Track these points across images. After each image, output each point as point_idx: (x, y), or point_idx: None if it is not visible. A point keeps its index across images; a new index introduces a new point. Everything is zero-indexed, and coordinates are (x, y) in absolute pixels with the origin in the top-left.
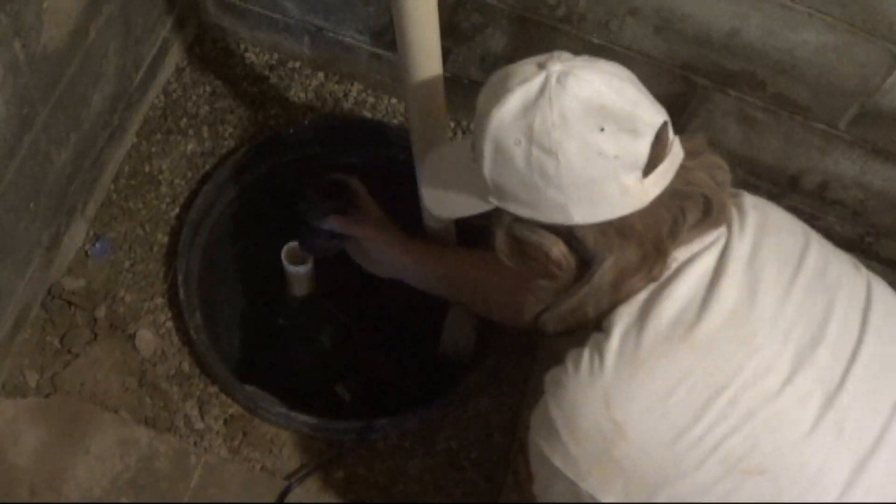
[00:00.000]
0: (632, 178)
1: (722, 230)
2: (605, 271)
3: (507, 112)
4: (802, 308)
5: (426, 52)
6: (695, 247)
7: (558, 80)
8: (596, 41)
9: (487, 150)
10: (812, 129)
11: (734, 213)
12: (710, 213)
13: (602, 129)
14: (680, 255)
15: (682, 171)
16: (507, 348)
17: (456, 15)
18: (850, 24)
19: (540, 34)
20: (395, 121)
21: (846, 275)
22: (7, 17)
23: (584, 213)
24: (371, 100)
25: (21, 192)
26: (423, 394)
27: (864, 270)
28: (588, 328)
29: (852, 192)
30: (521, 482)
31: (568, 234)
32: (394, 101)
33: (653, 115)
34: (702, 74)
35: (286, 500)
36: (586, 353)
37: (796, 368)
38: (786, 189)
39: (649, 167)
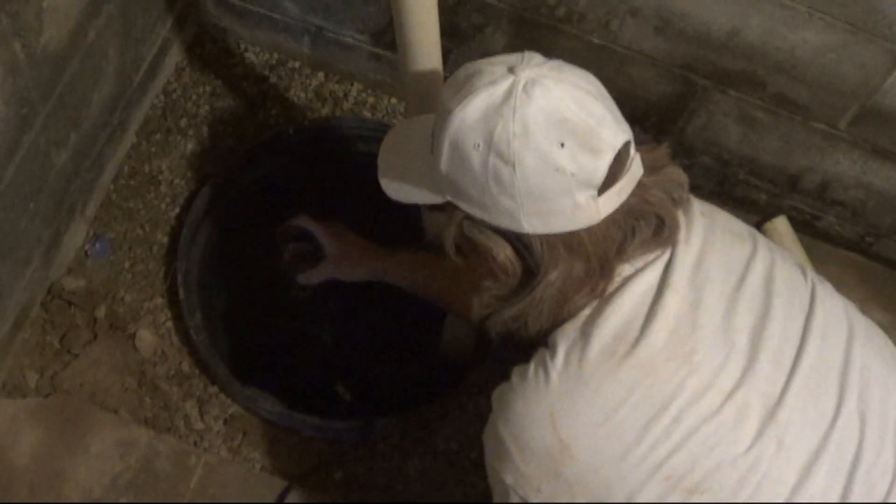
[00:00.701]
0: (585, 196)
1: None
2: (548, 283)
3: (469, 113)
4: (746, 319)
5: (426, 52)
6: (639, 262)
7: (525, 88)
8: (596, 41)
9: (446, 147)
10: (812, 129)
11: (681, 220)
12: (660, 234)
13: (562, 145)
14: (624, 270)
15: (640, 188)
16: (507, 348)
17: (456, 15)
18: (850, 24)
19: (540, 34)
20: (395, 121)
21: (792, 281)
22: (7, 17)
23: (535, 223)
24: (371, 100)
25: (21, 192)
26: (423, 394)
27: (810, 275)
28: (531, 341)
29: (852, 192)
30: None
31: (516, 240)
32: (394, 101)
33: (616, 135)
34: (702, 74)
35: (286, 501)
36: (531, 368)
37: (738, 383)
38: (786, 189)
39: (605, 186)
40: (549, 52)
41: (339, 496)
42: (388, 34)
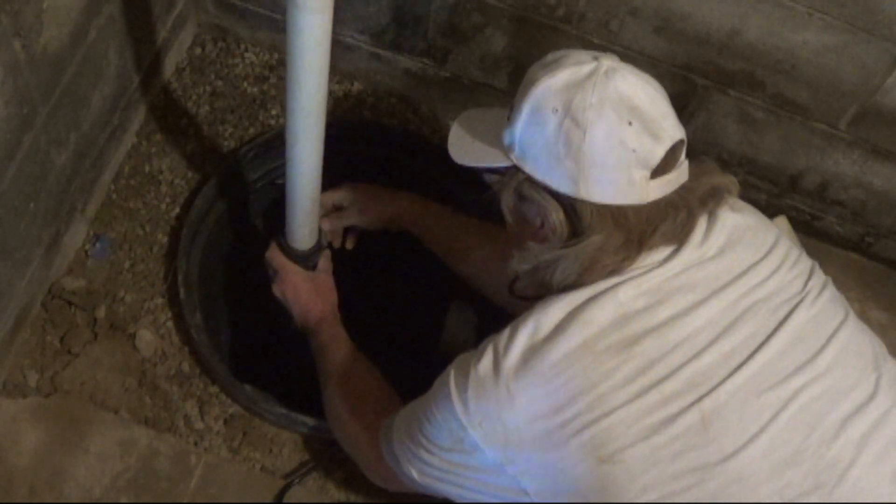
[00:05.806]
0: (640, 175)
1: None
2: (589, 243)
3: (554, 83)
4: (729, 328)
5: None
6: (655, 254)
7: (606, 72)
8: (596, 41)
9: (526, 109)
10: (812, 129)
11: (702, 224)
12: (683, 229)
13: (630, 124)
14: (639, 262)
15: (682, 189)
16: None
17: (456, 15)
18: (850, 24)
19: (540, 34)
20: (395, 121)
21: (816, 325)
22: (7, 17)
23: (591, 190)
24: (371, 100)
25: (21, 192)
26: (422, 394)
27: (849, 321)
28: (548, 289)
29: (852, 192)
30: None
31: (570, 205)
32: (394, 100)
33: (674, 130)
34: (702, 74)
35: (286, 501)
36: (507, 331)
37: (672, 373)
38: (786, 189)
39: (657, 171)
40: (549, 52)
41: (340, 496)
42: (389, 34)
